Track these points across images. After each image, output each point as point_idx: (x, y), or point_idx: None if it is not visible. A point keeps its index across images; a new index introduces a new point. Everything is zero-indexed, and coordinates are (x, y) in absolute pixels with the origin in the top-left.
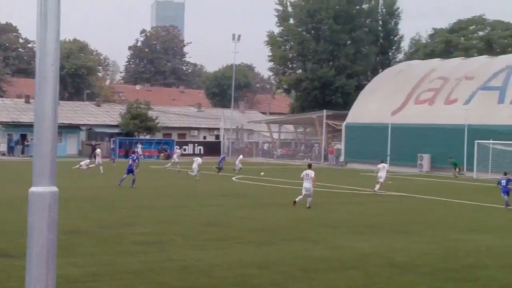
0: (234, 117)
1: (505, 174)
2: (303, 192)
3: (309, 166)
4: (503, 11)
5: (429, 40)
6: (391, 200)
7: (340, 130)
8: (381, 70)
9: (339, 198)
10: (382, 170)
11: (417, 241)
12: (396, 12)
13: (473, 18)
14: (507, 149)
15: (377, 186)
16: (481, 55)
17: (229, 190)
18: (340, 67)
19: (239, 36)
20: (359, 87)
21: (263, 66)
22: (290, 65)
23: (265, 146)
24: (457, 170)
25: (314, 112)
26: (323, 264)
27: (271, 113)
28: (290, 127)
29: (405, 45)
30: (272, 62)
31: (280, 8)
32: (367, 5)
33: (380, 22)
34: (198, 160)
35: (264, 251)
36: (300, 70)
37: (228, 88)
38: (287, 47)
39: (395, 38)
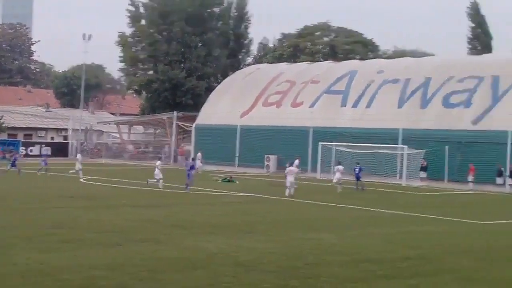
0: (83, 117)
1: (358, 163)
2: (288, 185)
3: (291, 164)
4: (346, 19)
5: (277, 45)
6: (239, 201)
7: (190, 131)
8: (231, 72)
9: (188, 199)
10: (337, 172)
11: (263, 241)
12: (246, 16)
13: (319, 24)
14: (348, 151)
15: (338, 188)
16: (326, 60)
17: (77, 192)
18: (191, 69)
19: (89, 35)
20: (209, 89)
21: (114, 66)
22: (141, 66)
23: (115, 147)
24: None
25: (164, 113)
26: (171, 265)
27: (121, 114)
28: (141, 128)
29: (254, 48)
30: (123, 63)
31: (132, 8)
32: (218, 8)
33: (231, 26)
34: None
35: (113, 253)
36: (151, 71)
37: (78, 88)
38: (138, 48)
39: (245, 42)
